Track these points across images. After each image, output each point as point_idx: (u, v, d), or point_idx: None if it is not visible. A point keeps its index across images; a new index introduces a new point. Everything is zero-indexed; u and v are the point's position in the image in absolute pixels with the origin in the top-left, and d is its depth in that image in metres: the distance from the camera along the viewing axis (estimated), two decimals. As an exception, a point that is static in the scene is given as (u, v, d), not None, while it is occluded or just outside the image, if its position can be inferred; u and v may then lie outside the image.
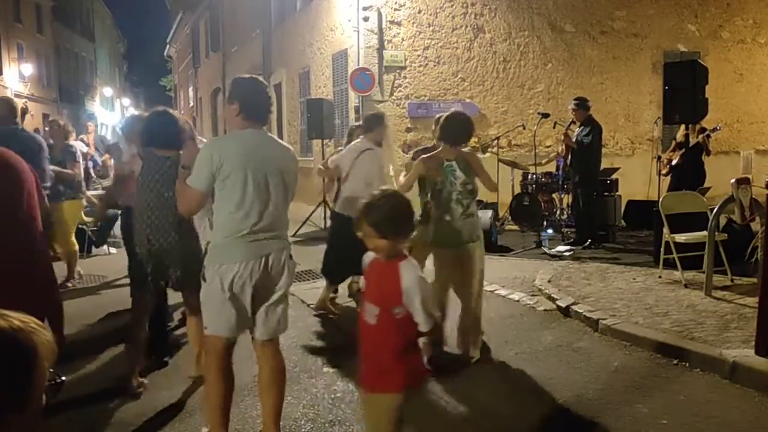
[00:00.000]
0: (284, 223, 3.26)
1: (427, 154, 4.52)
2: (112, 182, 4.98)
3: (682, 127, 8.45)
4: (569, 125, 8.71)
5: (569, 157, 8.65)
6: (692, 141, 8.17)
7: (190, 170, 3.11)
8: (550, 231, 9.07)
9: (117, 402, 3.91)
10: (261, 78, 3.35)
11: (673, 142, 8.89)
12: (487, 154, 10.10)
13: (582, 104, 8.41)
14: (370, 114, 6.43)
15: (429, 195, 4.45)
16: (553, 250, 7.94)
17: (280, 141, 3.40)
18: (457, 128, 4.42)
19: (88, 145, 11.87)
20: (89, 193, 9.28)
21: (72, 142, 9.52)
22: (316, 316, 5.69)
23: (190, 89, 30.30)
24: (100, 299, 6.40)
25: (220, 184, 3.04)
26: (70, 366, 4.51)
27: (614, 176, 9.54)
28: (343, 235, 5.36)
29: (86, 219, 8.57)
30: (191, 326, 4.14)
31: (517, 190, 9.90)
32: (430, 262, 4.51)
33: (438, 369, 3.99)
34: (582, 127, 8.36)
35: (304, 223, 10.06)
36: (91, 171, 9.25)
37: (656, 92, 11.95)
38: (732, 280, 5.97)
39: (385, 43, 11.25)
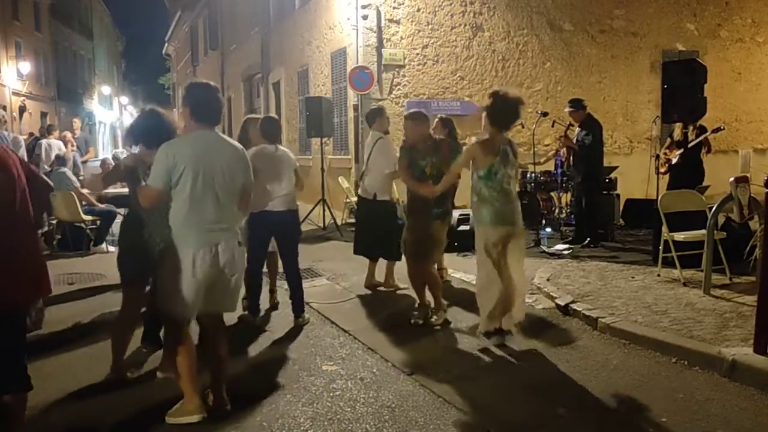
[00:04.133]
0: (234, 216, 3.62)
1: (482, 139, 4.54)
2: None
3: (679, 124, 8.44)
4: (568, 127, 8.68)
5: (570, 157, 8.64)
6: (690, 137, 8.16)
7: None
8: (548, 230, 9.07)
9: (113, 395, 3.93)
10: (213, 83, 3.68)
11: (669, 140, 8.89)
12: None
13: (578, 106, 8.39)
14: (370, 110, 6.97)
15: (478, 177, 4.52)
16: (551, 248, 7.94)
17: (231, 141, 3.70)
18: (509, 111, 4.49)
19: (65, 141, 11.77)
20: (85, 191, 9.27)
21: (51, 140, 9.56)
22: (316, 312, 5.70)
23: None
24: (98, 298, 6.39)
25: (175, 180, 3.40)
26: (67, 363, 4.52)
27: (613, 175, 9.54)
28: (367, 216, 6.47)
29: (85, 217, 8.58)
30: None
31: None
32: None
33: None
34: (581, 128, 8.34)
35: (303, 221, 10.04)
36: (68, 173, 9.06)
37: (655, 91, 11.93)
38: (730, 279, 5.97)
39: (384, 41, 11.24)
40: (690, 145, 8.09)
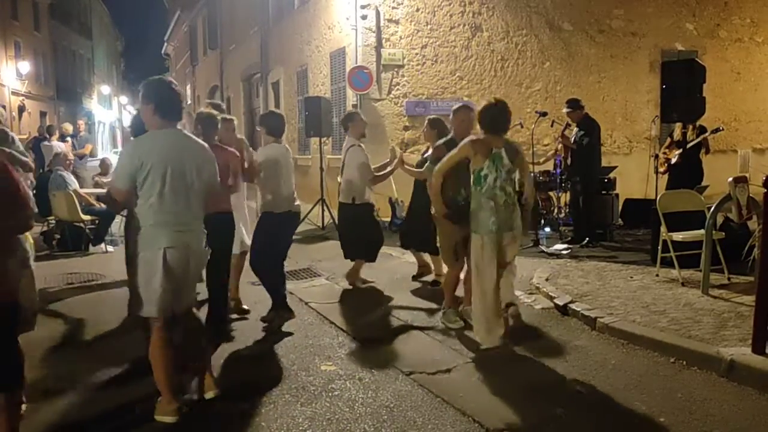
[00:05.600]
0: (200, 214, 3.59)
1: (476, 138, 4.59)
2: None
3: (679, 124, 8.45)
4: (566, 127, 8.69)
5: (568, 157, 8.65)
6: (689, 137, 8.17)
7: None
8: (547, 229, 9.08)
9: (111, 394, 3.92)
10: (172, 80, 3.64)
11: (669, 140, 8.90)
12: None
13: (575, 105, 8.42)
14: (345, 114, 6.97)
15: (471, 182, 4.54)
16: (550, 248, 7.94)
17: (196, 139, 3.65)
18: (496, 116, 4.55)
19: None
20: (84, 191, 9.27)
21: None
22: (315, 312, 5.69)
23: (188, 87, 30.23)
24: (97, 297, 6.39)
25: (142, 180, 3.33)
26: (64, 361, 4.52)
27: (612, 175, 9.54)
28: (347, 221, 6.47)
29: (84, 217, 8.58)
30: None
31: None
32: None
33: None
34: (579, 128, 8.35)
35: (302, 221, 10.03)
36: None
37: (654, 91, 11.94)
38: (729, 279, 5.97)
39: (383, 41, 11.25)
40: (689, 145, 8.09)
